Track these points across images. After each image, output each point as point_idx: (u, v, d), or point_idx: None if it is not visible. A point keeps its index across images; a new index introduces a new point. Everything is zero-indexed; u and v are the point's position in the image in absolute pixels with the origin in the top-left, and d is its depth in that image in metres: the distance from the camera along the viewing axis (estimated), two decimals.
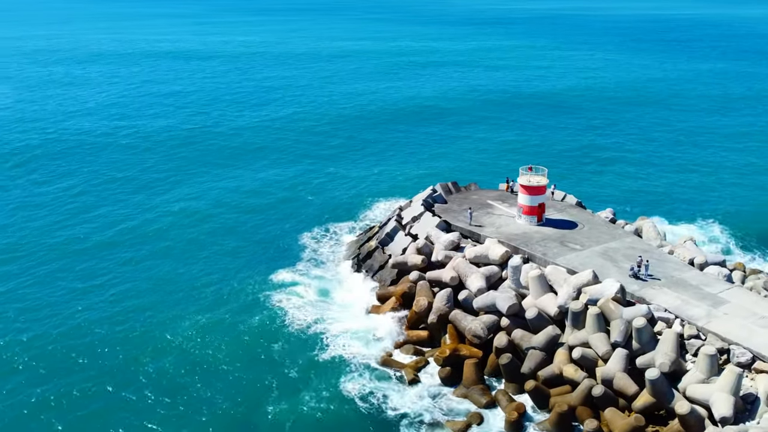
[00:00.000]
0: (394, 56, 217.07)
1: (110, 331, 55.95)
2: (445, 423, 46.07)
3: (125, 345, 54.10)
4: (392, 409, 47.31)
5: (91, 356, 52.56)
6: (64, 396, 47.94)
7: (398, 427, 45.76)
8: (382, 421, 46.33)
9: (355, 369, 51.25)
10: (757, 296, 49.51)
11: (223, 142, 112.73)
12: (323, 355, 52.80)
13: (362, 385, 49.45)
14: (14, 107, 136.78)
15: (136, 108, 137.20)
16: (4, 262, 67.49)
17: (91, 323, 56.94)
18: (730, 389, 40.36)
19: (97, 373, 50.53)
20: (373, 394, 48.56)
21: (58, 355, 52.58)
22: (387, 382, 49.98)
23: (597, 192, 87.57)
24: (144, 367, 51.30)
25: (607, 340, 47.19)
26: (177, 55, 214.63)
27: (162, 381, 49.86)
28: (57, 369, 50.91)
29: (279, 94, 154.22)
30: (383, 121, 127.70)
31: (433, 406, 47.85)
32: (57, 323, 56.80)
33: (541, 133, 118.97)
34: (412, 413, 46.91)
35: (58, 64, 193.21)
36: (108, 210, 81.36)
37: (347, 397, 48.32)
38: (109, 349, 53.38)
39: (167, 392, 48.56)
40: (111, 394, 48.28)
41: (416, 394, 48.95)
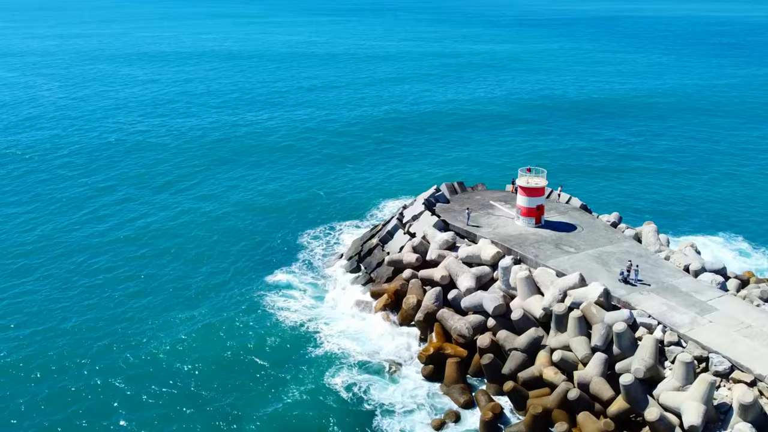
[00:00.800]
0: (435, 58, 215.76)
1: (107, 325, 57.30)
2: (425, 420, 46.48)
3: (121, 338, 55.54)
4: (374, 404, 47.83)
5: (86, 349, 53.95)
6: (57, 386, 49.66)
7: (378, 421, 46.25)
8: (363, 415, 46.81)
9: (340, 366, 51.75)
10: (748, 305, 48.23)
11: (252, 142, 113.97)
12: (312, 353, 53.42)
13: (347, 381, 50.01)
14: (57, 103, 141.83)
15: (173, 107, 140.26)
16: (20, 256, 70.24)
17: (89, 317, 58.50)
18: (701, 398, 39.55)
19: (91, 365, 51.85)
20: (356, 390, 49.08)
21: (56, 346, 54.32)
22: (371, 378, 50.42)
23: (624, 200, 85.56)
24: (138, 361, 52.51)
25: (588, 344, 46.76)
26: (220, 55, 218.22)
27: (156, 374, 50.99)
28: (52, 361, 52.57)
29: (316, 95, 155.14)
30: (416, 124, 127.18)
31: (413, 403, 48.28)
32: (57, 315, 58.90)
33: (574, 139, 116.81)
34: (393, 409, 47.39)
35: (106, 63, 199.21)
36: (127, 206, 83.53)
37: (333, 392, 48.97)
38: (105, 343, 54.76)
39: (160, 384, 49.71)
40: (104, 387, 49.55)
41: (399, 391, 49.38)
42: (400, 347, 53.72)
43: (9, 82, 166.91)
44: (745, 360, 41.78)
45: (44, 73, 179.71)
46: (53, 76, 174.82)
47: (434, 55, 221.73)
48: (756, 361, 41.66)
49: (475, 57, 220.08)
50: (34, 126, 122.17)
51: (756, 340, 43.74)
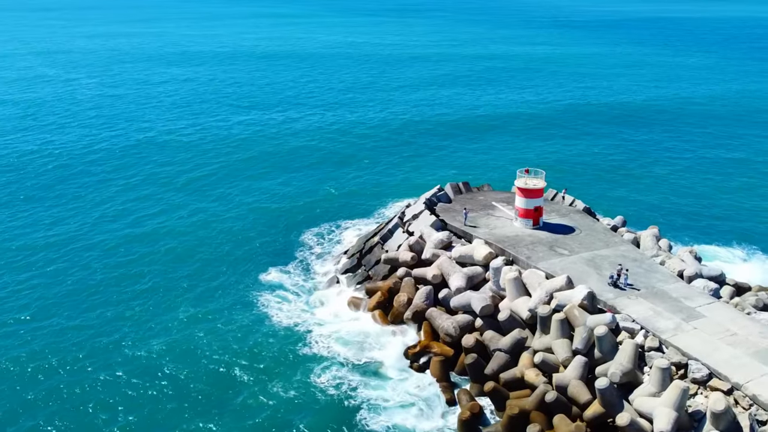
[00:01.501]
0: (470, 61, 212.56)
1: (101, 320, 58.49)
2: (411, 415, 46.98)
3: (114, 332, 56.67)
4: (360, 401, 48.12)
5: (79, 343, 55.02)
6: (48, 377, 51.02)
7: (364, 417, 46.55)
8: (349, 412, 47.14)
9: (328, 365, 52.13)
10: (738, 313, 47.19)
11: (277, 142, 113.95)
12: (301, 352, 53.82)
13: (335, 379, 50.47)
14: (94, 101, 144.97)
15: (205, 107, 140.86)
16: (31, 249, 72.48)
17: (85, 311, 59.88)
18: (673, 404, 38.95)
19: (83, 360, 52.89)
20: (343, 388, 49.48)
21: (51, 339, 55.63)
22: (358, 376, 50.83)
23: (652, 209, 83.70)
24: (127, 356, 53.34)
25: (569, 347, 46.46)
26: (256, 55, 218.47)
27: (145, 369, 51.72)
28: (45, 352, 53.98)
29: (348, 96, 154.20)
30: (443, 126, 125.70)
31: (395, 399, 48.66)
32: (51, 309, 60.53)
33: (604, 144, 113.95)
34: (379, 405, 47.74)
35: (144, 62, 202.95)
36: (145, 204, 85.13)
37: (320, 390, 49.34)
38: (97, 338, 55.84)
39: (148, 380, 50.52)
40: (92, 380, 50.39)
41: (384, 387, 49.80)
42: (389, 345, 54.13)
43: (52, 79, 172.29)
44: (724, 368, 40.96)
45: (85, 71, 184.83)
46: (93, 74, 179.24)
47: (469, 58, 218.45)
48: (735, 369, 40.81)
49: (510, 60, 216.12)
50: (71, 123, 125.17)
51: (739, 349, 42.83)
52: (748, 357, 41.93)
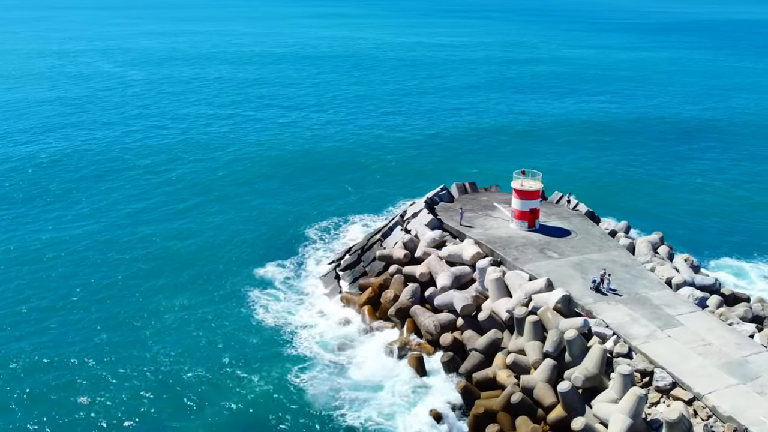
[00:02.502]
0: (524, 65, 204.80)
1: (99, 308, 60.58)
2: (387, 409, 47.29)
3: (105, 320, 58.54)
4: (337, 399, 48.30)
5: (74, 330, 57.04)
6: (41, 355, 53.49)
7: (338, 415, 46.91)
8: (321, 409, 47.43)
9: (305, 363, 52.42)
10: (719, 323, 45.92)
11: (310, 144, 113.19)
12: (283, 349, 54.11)
13: (311, 377, 50.70)
14: (141, 100, 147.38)
15: (244, 110, 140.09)
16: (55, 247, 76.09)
17: (85, 298, 62.26)
18: (628, 411, 38.39)
19: (72, 346, 54.74)
20: (320, 385, 49.64)
21: (47, 326, 57.96)
22: (336, 372, 51.35)
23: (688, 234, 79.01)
24: (113, 345, 54.88)
25: (540, 349, 46.21)
26: (304, 56, 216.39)
27: (129, 359, 52.90)
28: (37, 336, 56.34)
29: (393, 99, 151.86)
30: (484, 132, 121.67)
31: (371, 397, 48.86)
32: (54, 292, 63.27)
33: (656, 162, 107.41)
34: (353, 403, 47.95)
35: (194, 62, 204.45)
36: (168, 198, 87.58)
37: (295, 386, 49.57)
38: (91, 325, 57.70)
39: (128, 369, 51.74)
40: (76, 367, 52.09)
41: (362, 386, 49.88)
42: (371, 345, 54.58)
43: (107, 75, 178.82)
44: (689, 378, 40.06)
45: (138, 68, 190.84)
46: (145, 71, 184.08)
47: (524, 62, 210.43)
48: (700, 379, 39.87)
49: (571, 65, 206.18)
50: (115, 119, 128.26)
51: (709, 359, 41.78)
52: (716, 368, 40.87)
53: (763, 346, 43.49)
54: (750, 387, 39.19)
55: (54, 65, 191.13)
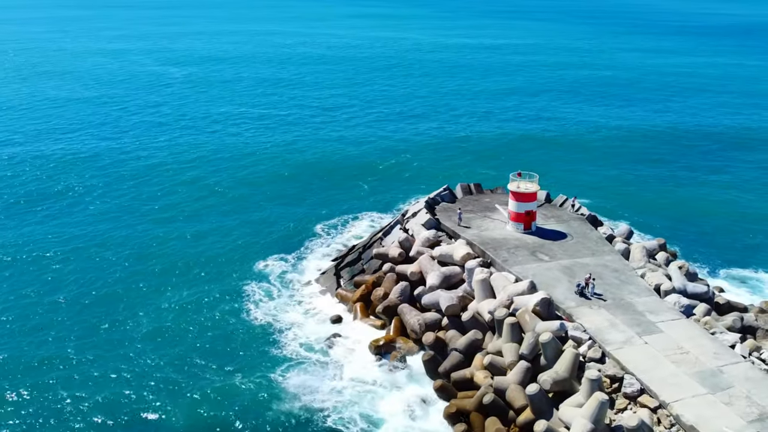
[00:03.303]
0: (572, 69, 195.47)
1: (96, 296, 62.69)
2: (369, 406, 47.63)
3: (100, 307, 60.68)
4: (315, 396, 48.75)
5: (71, 317, 59.18)
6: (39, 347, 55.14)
7: (317, 414, 47.14)
8: (301, 409, 47.64)
9: (291, 359, 52.98)
10: (701, 332, 44.97)
11: (334, 149, 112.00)
12: (268, 347, 54.58)
13: (292, 376, 51.02)
14: (169, 103, 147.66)
15: (276, 111, 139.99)
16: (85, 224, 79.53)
17: (88, 283, 64.72)
18: (590, 416, 38.04)
19: (65, 333, 56.94)
20: (301, 383, 50.01)
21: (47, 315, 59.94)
22: (318, 371, 51.54)
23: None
24: (106, 333, 56.63)
25: (517, 351, 46.06)
26: (341, 57, 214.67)
27: (116, 350, 54.29)
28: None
29: (428, 102, 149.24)
30: (521, 140, 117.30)
31: (353, 389, 49.59)
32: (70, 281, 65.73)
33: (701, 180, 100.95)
34: (333, 399, 48.40)
35: (236, 63, 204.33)
36: (191, 192, 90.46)
37: (276, 385, 49.84)
38: (83, 314, 59.65)
39: (116, 357, 53.36)
40: (57, 355, 54.04)
41: (342, 382, 50.46)
42: (358, 345, 54.74)
43: (151, 73, 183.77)
44: (657, 385, 39.47)
45: (179, 69, 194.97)
46: (185, 72, 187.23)
47: (568, 66, 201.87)
48: (668, 387, 39.25)
49: (618, 69, 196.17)
50: (152, 122, 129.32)
51: (682, 367, 41.04)
52: (687, 376, 40.12)
53: (742, 356, 42.45)
54: (718, 397, 38.38)
55: (99, 63, 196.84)
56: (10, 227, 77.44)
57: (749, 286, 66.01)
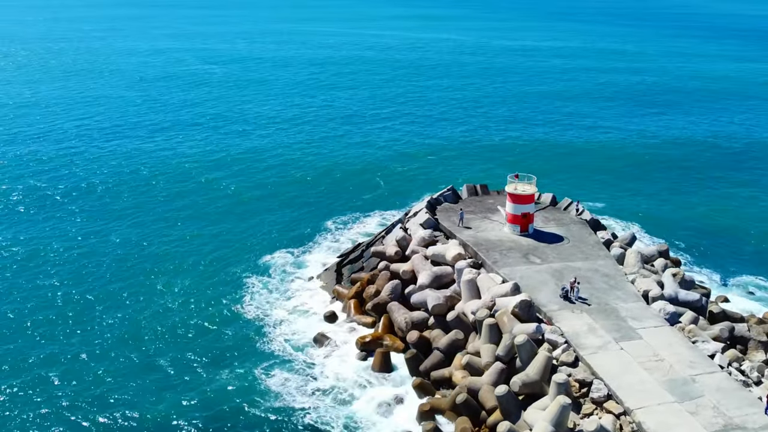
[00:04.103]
0: (616, 74, 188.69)
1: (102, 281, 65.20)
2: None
3: (103, 294, 62.90)
4: (297, 390, 49.41)
5: (74, 303, 61.41)
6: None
7: (297, 409, 47.62)
8: (284, 402, 48.34)
9: (278, 356, 53.57)
10: (682, 339, 44.11)
11: (358, 151, 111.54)
12: (258, 342, 55.38)
13: (280, 369, 51.80)
14: (206, 104, 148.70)
15: (308, 111, 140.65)
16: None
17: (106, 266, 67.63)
18: (551, 419, 37.81)
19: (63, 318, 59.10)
20: (285, 381, 50.49)
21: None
22: (303, 368, 52.10)
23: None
24: (104, 320, 58.49)
25: (494, 352, 46.02)
26: (381, 59, 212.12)
27: (112, 337, 56.05)
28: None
29: (459, 105, 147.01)
30: (550, 148, 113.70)
31: (334, 387, 49.93)
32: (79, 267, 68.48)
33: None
34: (315, 396, 48.88)
35: (269, 65, 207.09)
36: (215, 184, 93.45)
37: (259, 381, 50.46)
38: (84, 300, 61.89)
39: (109, 347, 54.84)
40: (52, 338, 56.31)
41: (326, 376, 51.20)
42: (347, 336, 55.78)
43: (193, 73, 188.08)
44: (624, 391, 38.97)
45: (221, 68, 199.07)
46: (227, 71, 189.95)
47: (620, 71, 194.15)
48: (635, 393, 38.71)
49: (666, 75, 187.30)
50: (187, 122, 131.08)
51: (654, 374, 40.38)
52: (657, 384, 39.47)
53: (720, 366, 41.48)
54: (685, 406, 37.67)
55: (144, 61, 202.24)
56: (37, 220, 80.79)
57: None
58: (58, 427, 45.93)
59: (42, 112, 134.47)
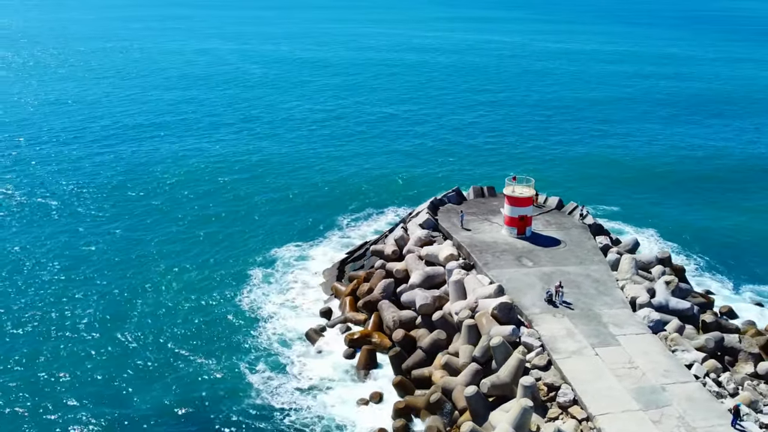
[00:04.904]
0: (670, 80, 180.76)
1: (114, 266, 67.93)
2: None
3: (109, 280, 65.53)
4: (279, 384, 50.38)
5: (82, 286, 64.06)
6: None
7: (295, 398, 48.95)
8: (265, 397, 49.28)
9: (266, 351, 54.54)
10: (661, 348, 43.26)
11: (387, 150, 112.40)
12: (249, 335, 56.67)
13: (267, 364, 52.83)
14: (239, 105, 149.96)
15: (341, 112, 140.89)
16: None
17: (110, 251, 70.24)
18: (512, 422, 37.68)
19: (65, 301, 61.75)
20: (271, 377, 51.37)
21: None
22: (289, 363, 53.03)
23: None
24: (100, 309, 60.34)
25: (471, 353, 45.97)
26: (427, 62, 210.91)
27: (111, 321, 58.51)
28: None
29: (500, 110, 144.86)
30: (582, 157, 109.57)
31: (316, 383, 50.67)
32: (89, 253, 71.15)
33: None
34: (313, 386, 50.02)
35: (311, 67, 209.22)
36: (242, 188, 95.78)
37: (243, 375, 51.56)
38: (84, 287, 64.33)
39: (107, 331, 57.27)
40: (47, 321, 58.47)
41: (318, 369, 52.17)
42: (337, 333, 56.37)
43: (235, 75, 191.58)
44: (590, 397, 38.54)
45: (258, 68, 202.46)
46: (262, 72, 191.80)
47: (669, 77, 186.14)
48: (600, 400, 38.24)
49: (731, 85, 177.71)
50: (220, 123, 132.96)
51: (625, 381, 39.77)
52: (625, 391, 38.86)
53: (695, 376, 40.52)
54: (649, 414, 37.01)
55: (190, 60, 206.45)
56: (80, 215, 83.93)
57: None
58: (30, 407, 47.61)
59: (80, 109, 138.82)
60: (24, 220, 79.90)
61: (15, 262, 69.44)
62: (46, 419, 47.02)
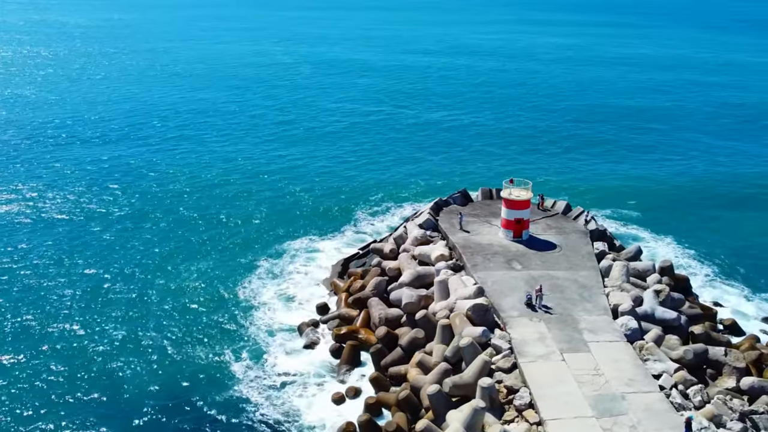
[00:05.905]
0: (705, 88, 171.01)
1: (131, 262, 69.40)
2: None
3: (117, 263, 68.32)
4: (281, 377, 51.31)
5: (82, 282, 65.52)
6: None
7: (280, 392, 49.75)
8: (268, 386, 50.39)
9: (255, 344, 55.44)
10: (631, 356, 42.44)
11: (411, 147, 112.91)
12: (243, 327, 57.82)
13: (253, 359, 53.69)
14: (277, 110, 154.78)
15: (374, 115, 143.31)
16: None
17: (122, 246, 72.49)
18: (463, 422, 37.72)
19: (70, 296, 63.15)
20: (260, 375, 52.03)
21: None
22: (276, 358, 53.70)
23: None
24: (113, 301, 62.04)
25: (443, 353, 46.07)
26: (469, 67, 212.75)
27: (119, 313, 59.93)
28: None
29: (529, 120, 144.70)
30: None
31: (298, 373, 51.71)
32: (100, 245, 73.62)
33: None
34: (297, 381, 50.73)
35: (353, 71, 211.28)
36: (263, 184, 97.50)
37: (229, 368, 52.44)
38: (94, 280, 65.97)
39: (113, 323, 58.64)
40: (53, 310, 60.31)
41: (301, 362, 53.11)
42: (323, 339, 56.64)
43: (284, 76, 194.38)
44: (546, 402, 38.23)
45: (307, 68, 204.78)
46: (307, 74, 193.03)
47: (728, 86, 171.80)
48: (555, 405, 37.93)
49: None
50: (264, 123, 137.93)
51: (585, 388, 39.23)
52: (583, 398, 38.35)
53: (659, 387, 39.49)
54: (602, 422, 36.42)
55: (247, 62, 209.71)
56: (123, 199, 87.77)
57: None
58: (21, 392, 49.51)
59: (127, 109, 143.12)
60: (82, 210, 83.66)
61: (22, 252, 72.08)
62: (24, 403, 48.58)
